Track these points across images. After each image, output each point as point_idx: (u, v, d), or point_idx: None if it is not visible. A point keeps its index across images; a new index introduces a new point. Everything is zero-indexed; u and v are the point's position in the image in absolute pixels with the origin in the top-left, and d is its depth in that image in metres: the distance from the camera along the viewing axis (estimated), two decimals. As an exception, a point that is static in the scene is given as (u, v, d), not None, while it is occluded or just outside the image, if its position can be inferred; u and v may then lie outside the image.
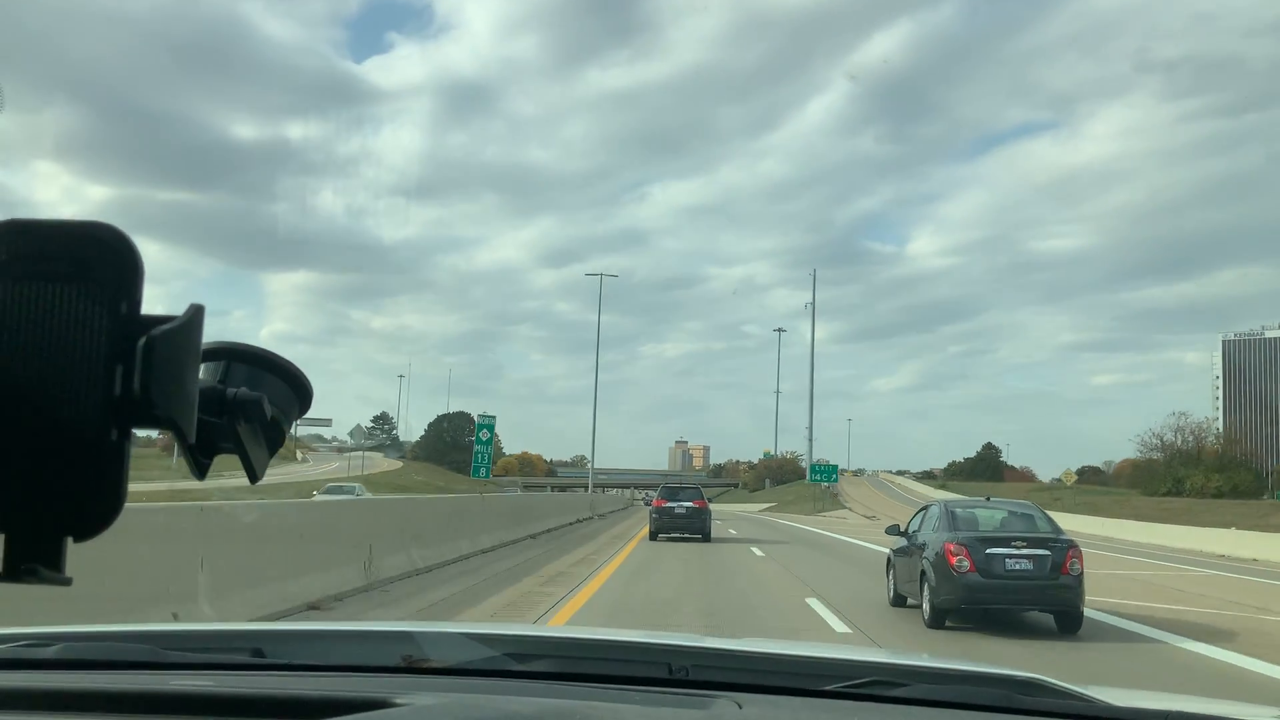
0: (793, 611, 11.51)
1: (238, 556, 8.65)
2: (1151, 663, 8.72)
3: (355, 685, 1.43)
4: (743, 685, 1.52)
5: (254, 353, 0.70)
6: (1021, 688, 1.54)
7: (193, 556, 7.84)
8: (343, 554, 11.29)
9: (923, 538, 11.05)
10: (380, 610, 10.04)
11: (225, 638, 1.86)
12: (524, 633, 2.39)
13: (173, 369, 0.54)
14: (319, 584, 10.17)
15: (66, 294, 0.52)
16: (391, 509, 16.48)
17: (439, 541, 15.12)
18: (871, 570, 15.50)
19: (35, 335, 0.51)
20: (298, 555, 10.12)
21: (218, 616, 7.53)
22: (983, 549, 10.03)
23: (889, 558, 12.62)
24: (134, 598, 6.66)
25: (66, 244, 0.53)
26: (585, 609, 10.98)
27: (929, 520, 11.34)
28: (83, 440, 0.52)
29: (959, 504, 11.66)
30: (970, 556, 9.96)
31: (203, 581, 7.78)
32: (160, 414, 0.54)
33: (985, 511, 11.29)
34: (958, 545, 10.07)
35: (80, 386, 0.52)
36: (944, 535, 10.41)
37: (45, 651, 1.53)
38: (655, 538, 23.53)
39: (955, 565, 9.95)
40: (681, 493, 24.42)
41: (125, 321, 0.53)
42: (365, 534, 12.26)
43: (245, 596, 8.42)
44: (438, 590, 11.99)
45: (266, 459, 0.69)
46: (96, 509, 0.53)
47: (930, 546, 10.57)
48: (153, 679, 1.42)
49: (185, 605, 7.40)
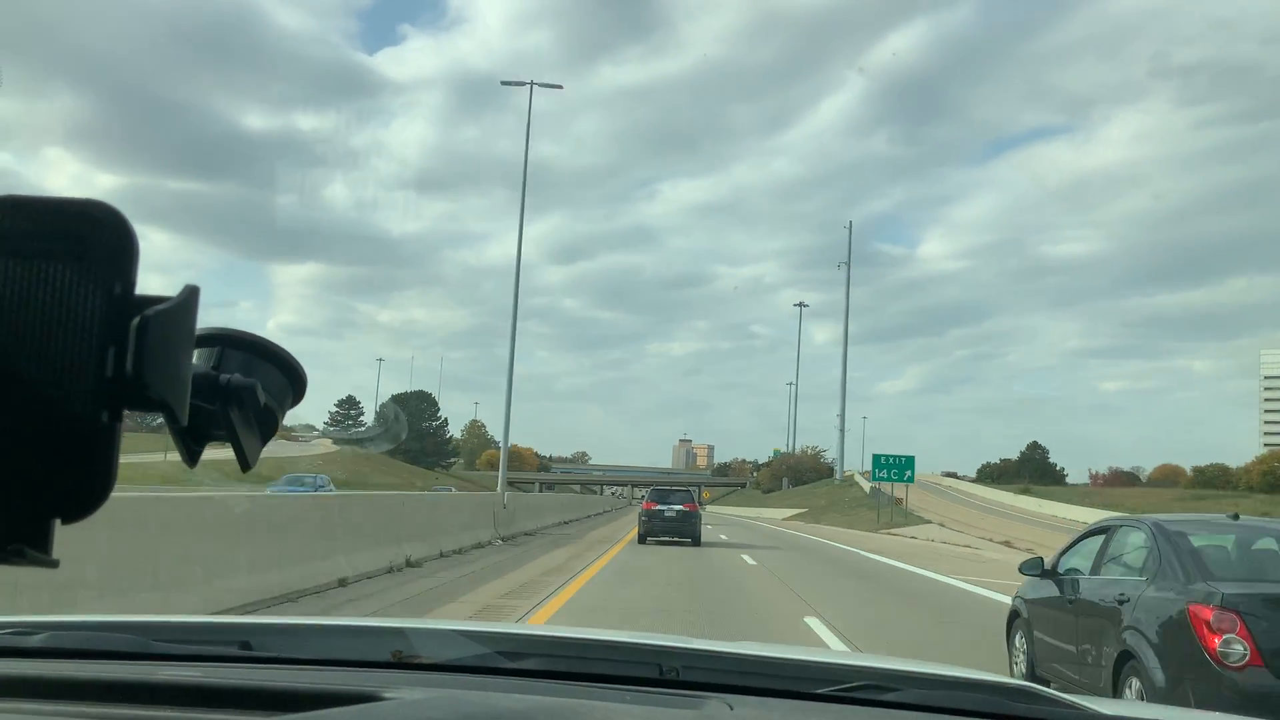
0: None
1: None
2: None
3: (344, 679, 1.46)
4: (734, 687, 1.56)
5: (248, 339, 0.68)
6: (1013, 695, 1.60)
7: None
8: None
9: (1114, 586, 6.02)
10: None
11: (213, 630, 1.86)
12: (515, 630, 2.37)
13: (166, 350, 0.53)
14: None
15: (60, 272, 0.51)
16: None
17: (302, 561, 10.17)
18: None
19: (27, 313, 0.50)
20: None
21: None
22: (1275, 616, 4.97)
23: (1014, 610, 7.68)
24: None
25: (61, 221, 0.52)
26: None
27: (1125, 551, 6.25)
28: (73, 421, 0.51)
29: (1187, 525, 6.03)
30: (1250, 633, 4.89)
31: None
32: (152, 396, 0.53)
33: (1244, 540, 6.05)
34: (1221, 611, 4.98)
35: (72, 366, 0.51)
36: (1177, 586, 5.36)
37: (31, 640, 1.54)
38: (644, 541, 22.94)
39: (1220, 649, 4.89)
40: (672, 495, 23.86)
41: (119, 301, 0.52)
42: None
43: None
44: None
45: (259, 447, 0.66)
46: (86, 490, 0.52)
47: (1143, 604, 5.54)
48: (140, 669, 1.45)
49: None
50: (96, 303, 0.51)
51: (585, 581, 13.60)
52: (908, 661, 1.89)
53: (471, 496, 29.15)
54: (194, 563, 8.11)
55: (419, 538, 14.57)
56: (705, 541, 23.60)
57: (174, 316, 0.54)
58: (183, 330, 0.55)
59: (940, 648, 9.12)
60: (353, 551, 11.65)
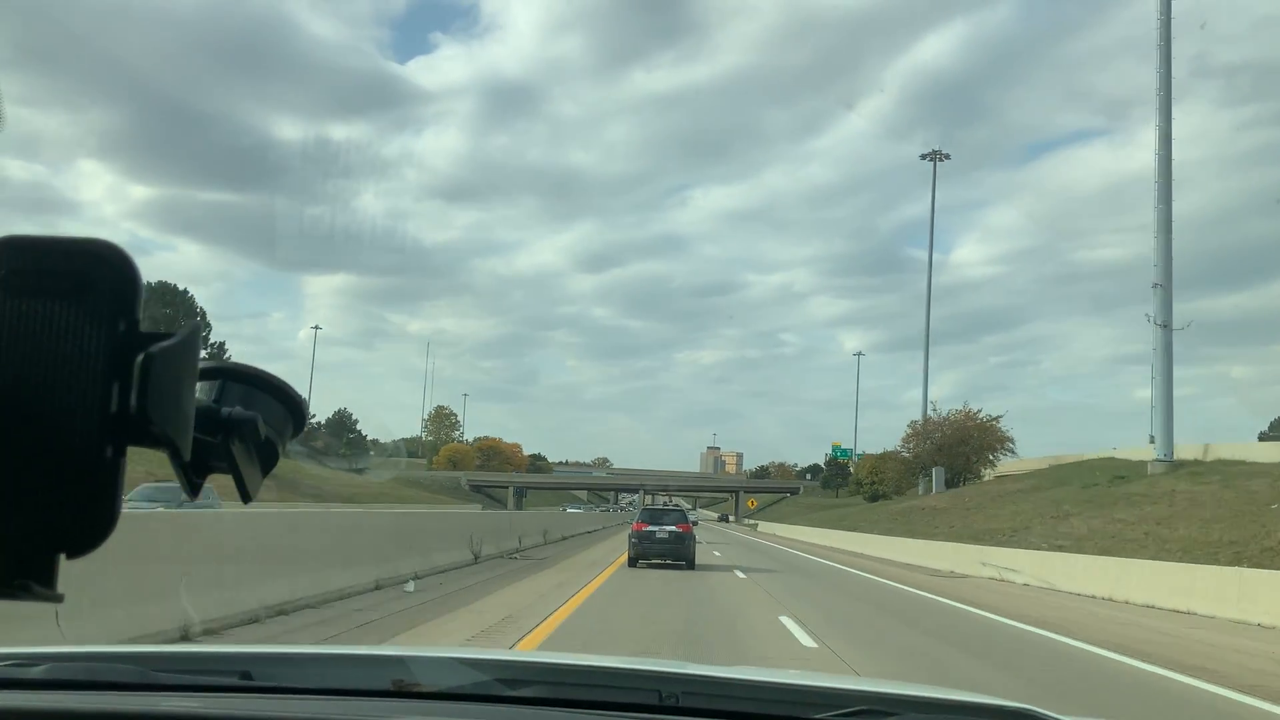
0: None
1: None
2: None
3: (344, 709, 1.49)
4: (733, 713, 1.58)
5: (249, 372, 0.70)
6: (1012, 717, 1.59)
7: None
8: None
9: None
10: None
11: (214, 659, 1.87)
12: (515, 658, 2.37)
13: (169, 386, 0.55)
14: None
15: (65, 310, 0.53)
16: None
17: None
18: None
19: (33, 351, 0.52)
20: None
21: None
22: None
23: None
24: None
25: (66, 260, 0.54)
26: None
27: None
28: (78, 456, 0.52)
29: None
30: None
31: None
32: (156, 431, 0.54)
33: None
34: None
35: (76, 402, 0.52)
36: None
37: (32, 671, 1.54)
38: (635, 564, 21.61)
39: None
40: (664, 516, 22.65)
41: (123, 338, 0.54)
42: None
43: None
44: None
45: (260, 479, 0.68)
46: (90, 525, 0.53)
47: None
48: (142, 700, 1.46)
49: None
50: (101, 340, 0.53)
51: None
52: (908, 685, 1.90)
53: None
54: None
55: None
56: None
57: (177, 352, 0.55)
58: (186, 366, 0.56)
59: None
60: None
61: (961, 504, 43.37)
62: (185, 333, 0.57)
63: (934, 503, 48.26)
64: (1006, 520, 34.63)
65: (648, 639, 10.19)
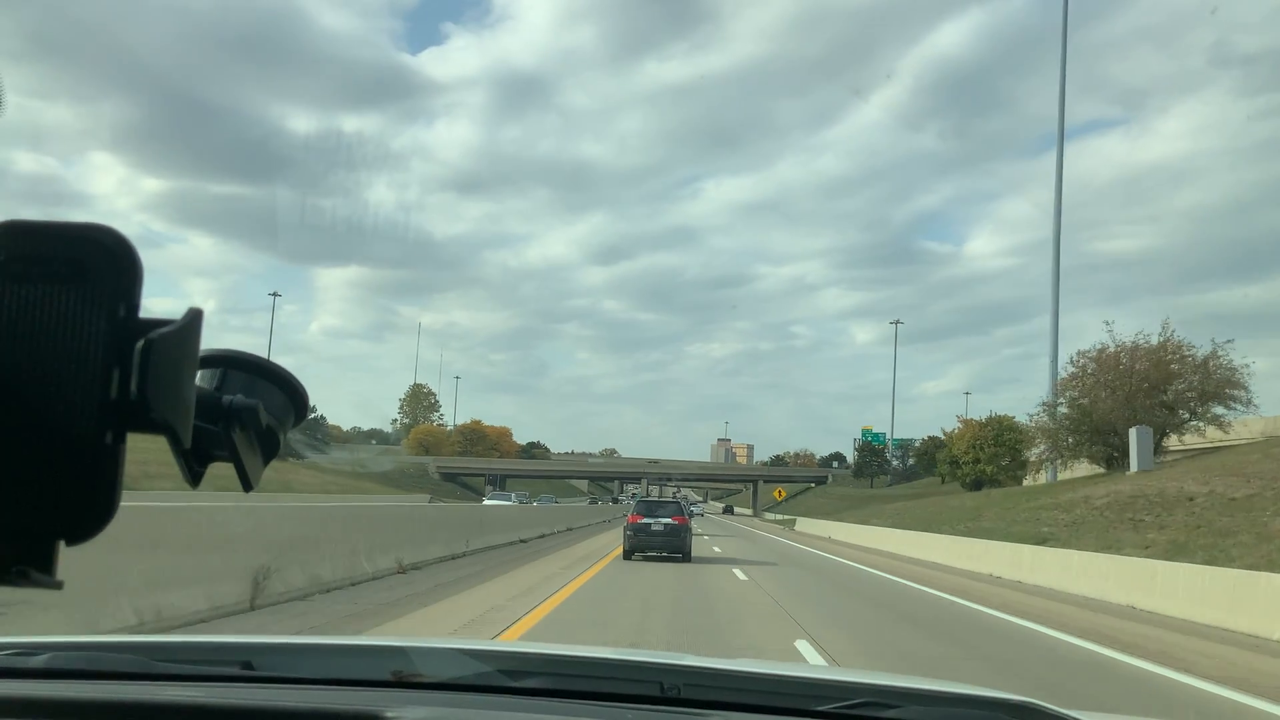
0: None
1: None
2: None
3: (345, 699, 1.45)
4: (735, 705, 1.57)
5: (250, 360, 0.70)
6: (1014, 711, 1.58)
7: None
8: None
9: None
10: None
11: (215, 649, 1.85)
12: (516, 649, 2.39)
13: (170, 373, 0.55)
14: None
15: (64, 296, 0.53)
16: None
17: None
18: None
19: (32, 336, 0.52)
20: None
21: None
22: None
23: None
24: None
25: (65, 246, 0.54)
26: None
27: None
28: (77, 442, 0.52)
29: None
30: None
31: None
32: (156, 418, 0.54)
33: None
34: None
35: (76, 388, 0.52)
36: None
37: (33, 660, 1.54)
38: (630, 557, 20.91)
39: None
40: (660, 508, 21.88)
41: (123, 324, 0.53)
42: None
43: None
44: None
45: (261, 467, 0.68)
46: (90, 512, 0.53)
47: None
48: (143, 689, 1.43)
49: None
50: (101, 326, 0.53)
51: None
52: (909, 678, 1.90)
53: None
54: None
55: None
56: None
57: (178, 339, 0.55)
58: (186, 353, 0.56)
59: None
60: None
61: (1207, 485, 22.33)
62: (186, 319, 0.57)
63: (1142, 485, 25.18)
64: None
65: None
